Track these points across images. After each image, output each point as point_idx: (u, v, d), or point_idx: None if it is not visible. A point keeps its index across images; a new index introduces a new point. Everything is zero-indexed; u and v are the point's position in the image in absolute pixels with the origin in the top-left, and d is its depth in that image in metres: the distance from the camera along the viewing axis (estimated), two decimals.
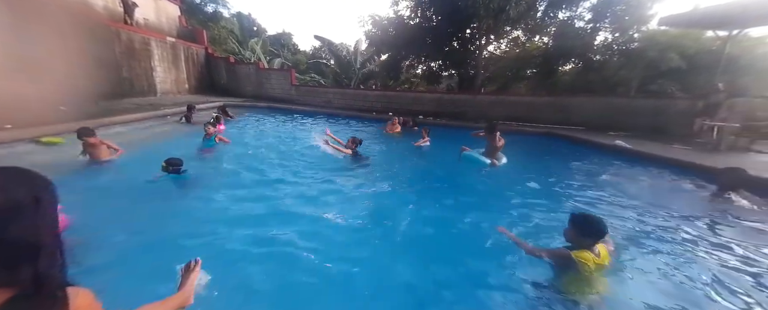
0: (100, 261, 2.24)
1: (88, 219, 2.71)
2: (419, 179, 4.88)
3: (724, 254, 2.78)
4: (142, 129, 6.64)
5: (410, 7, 11.81)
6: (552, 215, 3.51)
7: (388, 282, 2.32)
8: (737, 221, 3.40)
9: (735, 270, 2.54)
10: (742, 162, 5.27)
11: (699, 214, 3.57)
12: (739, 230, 3.21)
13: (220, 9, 24.94)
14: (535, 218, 3.40)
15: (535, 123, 9.63)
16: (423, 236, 3.05)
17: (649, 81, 12.06)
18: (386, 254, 2.67)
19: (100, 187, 3.70)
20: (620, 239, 2.94)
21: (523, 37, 13.21)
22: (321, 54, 23.04)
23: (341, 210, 3.38)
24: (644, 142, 6.81)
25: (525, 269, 2.34)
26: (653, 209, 3.73)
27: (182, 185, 3.80)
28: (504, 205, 3.78)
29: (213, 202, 3.45)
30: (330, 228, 3.01)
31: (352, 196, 3.85)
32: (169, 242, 2.62)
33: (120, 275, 2.11)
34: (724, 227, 3.29)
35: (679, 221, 3.42)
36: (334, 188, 4.05)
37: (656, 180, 4.85)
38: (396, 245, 2.84)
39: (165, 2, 12.72)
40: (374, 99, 11.99)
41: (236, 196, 3.59)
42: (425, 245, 2.89)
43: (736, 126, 6.32)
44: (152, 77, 10.75)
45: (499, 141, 5.19)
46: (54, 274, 0.66)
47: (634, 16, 10.61)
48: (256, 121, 8.98)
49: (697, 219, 3.46)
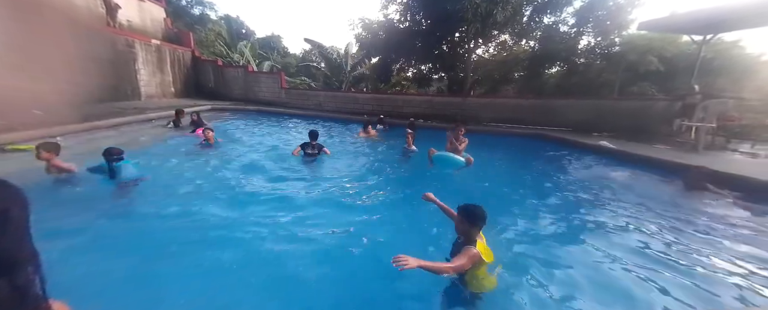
0: (67, 276, 2.12)
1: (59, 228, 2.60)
2: (398, 185, 4.59)
3: (677, 240, 3.04)
4: (127, 133, 6.45)
5: (400, 11, 11.93)
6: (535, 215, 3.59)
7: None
8: (703, 215, 3.63)
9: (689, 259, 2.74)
10: (718, 160, 5.54)
11: (668, 208, 3.80)
12: (704, 225, 3.42)
13: (208, 11, 24.65)
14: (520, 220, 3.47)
15: (523, 125, 9.83)
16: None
17: (630, 83, 12.55)
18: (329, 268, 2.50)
19: (69, 196, 3.50)
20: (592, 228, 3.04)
21: (510, 41, 13.51)
22: (311, 57, 22.96)
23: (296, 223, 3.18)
24: (628, 143, 7.05)
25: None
26: (628, 205, 3.93)
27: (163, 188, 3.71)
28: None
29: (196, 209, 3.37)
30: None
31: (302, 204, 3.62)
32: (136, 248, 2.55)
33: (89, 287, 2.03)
34: (689, 221, 3.50)
35: (648, 215, 3.64)
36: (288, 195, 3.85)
37: (638, 178, 5.03)
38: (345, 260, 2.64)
39: (150, 4, 12.45)
40: (365, 102, 12.00)
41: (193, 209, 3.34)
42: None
43: (712, 126, 6.61)
44: (136, 81, 10.48)
45: (461, 143, 5.09)
46: (32, 288, 0.63)
47: (615, 21, 11.02)
48: (235, 128, 8.30)
49: (665, 212, 3.69)
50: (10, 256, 0.61)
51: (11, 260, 0.61)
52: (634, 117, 8.57)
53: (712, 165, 4.68)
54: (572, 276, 2.47)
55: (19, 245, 0.63)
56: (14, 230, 0.62)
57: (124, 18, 10.88)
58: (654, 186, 4.61)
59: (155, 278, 2.24)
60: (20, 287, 0.61)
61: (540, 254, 2.78)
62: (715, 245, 3.00)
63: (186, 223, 3.04)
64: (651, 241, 3.07)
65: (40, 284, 0.65)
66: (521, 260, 2.65)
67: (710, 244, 3.02)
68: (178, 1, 22.69)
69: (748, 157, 6.09)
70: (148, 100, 10.78)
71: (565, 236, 3.16)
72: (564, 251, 2.85)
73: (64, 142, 4.93)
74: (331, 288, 2.26)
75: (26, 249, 0.64)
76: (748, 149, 6.50)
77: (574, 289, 2.33)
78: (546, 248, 2.89)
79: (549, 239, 3.09)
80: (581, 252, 2.87)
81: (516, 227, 3.28)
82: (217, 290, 2.18)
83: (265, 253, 2.62)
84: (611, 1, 10.84)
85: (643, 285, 2.39)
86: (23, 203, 0.65)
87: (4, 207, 0.61)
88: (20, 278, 0.61)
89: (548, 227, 3.36)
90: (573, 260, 2.73)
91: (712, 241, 3.08)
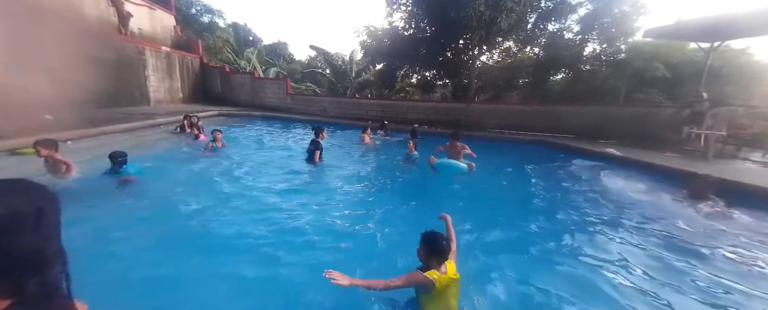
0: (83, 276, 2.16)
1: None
2: (404, 195, 4.49)
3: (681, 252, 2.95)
4: (135, 138, 6.56)
5: (404, 19, 12.05)
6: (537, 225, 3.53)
7: None
8: (705, 223, 3.56)
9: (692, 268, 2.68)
10: (729, 169, 5.42)
11: (673, 218, 3.72)
12: (704, 233, 3.35)
13: (216, 19, 25.17)
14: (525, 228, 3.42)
15: (527, 131, 9.77)
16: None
17: (636, 90, 12.43)
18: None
19: (74, 198, 3.55)
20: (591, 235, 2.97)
21: (514, 47, 13.54)
22: (316, 63, 23.23)
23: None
24: (634, 150, 6.94)
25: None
26: (633, 215, 3.84)
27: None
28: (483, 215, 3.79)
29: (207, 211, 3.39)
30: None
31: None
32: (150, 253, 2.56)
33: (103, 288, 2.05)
34: (698, 231, 3.42)
35: (656, 224, 3.57)
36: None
37: (646, 187, 4.93)
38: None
39: (160, 12, 12.78)
40: (369, 108, 12.07)
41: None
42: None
43: (722, 134, 6.49)
44: (146, 86, 10.69)
45: (464, 148, 4.99)
46: (59, 287, 0.66)
47: (621, 29, 10.99)
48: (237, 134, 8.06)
49: (671, 222, 3.62)
50: (42, 254, 0.63)
51: (43, 258, 0.63)
52: (641, 124, 8.46)
53: (722, 174, 4.58)
54: (568, 286, 2.42)
55: (50, 243, 0.65)
56: (47, 229, 0.64)
57: (136, 26, 11.16)
58: (661, 195, 4.52)
59: (157, 282, 2.25)
60: (49, 285, 0.63)
61: (537, 264, 2.75)
62: (729, 255, 2.91)
63: (188, 227, 3.06)
64: (657, 252, 2.99)
65: (66, 283, 0.67)
66: (518, 269, 2.62)
67: (731, 256, 2.92)
68: (187, 10, 23.24)
69: (761, 166, 5.95)
70: (157, 105, 10.98)
71: (562, 246, 3.10)
72: (561, 260, 2.80)
73: (75, 145, 5.03)
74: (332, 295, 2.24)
75: (56, 248, 0.66)
76: (759, 158, 6.36)
77: (568, 296, 2.28)
78: (543, 257, 2.85)
79: (546, 249, 3.04)
80: (580, 264, 2.78)
81: (513, 234, 3.24)
82: (218, 297, 2.18)
83: (266, 257, 2.62)
84: (616, 9, 10.84)
85: (646, 298, 2.33)
86: (56, 203, 0.68)
87: (40, 206, 0.63)
88: (49, 276, 0.63)
89: (546, 236, 3.29)
90: (568, 270, 2.67)
91: (735, 250, 2.99)
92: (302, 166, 5.29)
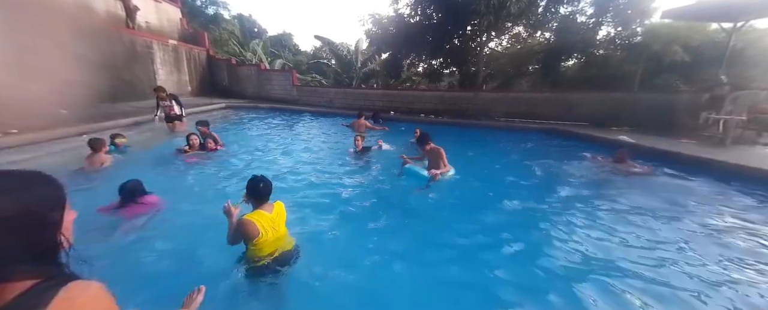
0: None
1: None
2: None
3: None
4: (141, 133, 6.65)
5: (410, 5, 11.77)
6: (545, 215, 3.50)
7: None
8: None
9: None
10: (747, 154, 5.22)
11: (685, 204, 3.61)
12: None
13: (221, 11, 25.13)
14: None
15: (538, 119, 9.57)
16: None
17: (653, 75, 11.94)
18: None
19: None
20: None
21: (524, 33, 13.13)
22: (322, 54, 23.07)
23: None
24: (649, 137, 6.74)
25: None
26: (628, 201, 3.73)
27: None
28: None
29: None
30: None
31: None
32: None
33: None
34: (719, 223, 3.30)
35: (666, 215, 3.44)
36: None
37: (661, 175, 4.80)
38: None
39: (166, 5, 12.79)
40: (375, 98, 11.98)
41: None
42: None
43: (742, 119, 6.23)
44: (154, 80, 10.83)
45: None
46: (66, 266, 0.73)
47: (637, 10, 10.50)
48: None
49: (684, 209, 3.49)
50: (59, 240, 0.72)
51: (60, 243, 0.72)
52: (656, 110, 8.16)
53: (740, 160, 4.42)
54: (573, 276, 2.42)
55: (60, 231, 0.73)
56: (54, 227, 0.71)
57: (143, 20, 11.22)
58: (675, 183, 4.40)
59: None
60: (64, 267, 0.72)
61: (548, 253, 2.73)
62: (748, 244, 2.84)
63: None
64: (671, 240, 2.94)
65: (70, 262, 0.75)
66: (529, 256, 2.62)
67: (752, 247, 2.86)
68: (192, 1, 23.23)
69: None
70: None
71: (574, 235, 3.05)
72: (571, 252, 2.77)
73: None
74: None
75: (66, 232, 0.75)
76: None
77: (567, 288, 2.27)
78: (552, 244, 2.83)
79: (554, 237, 3.01)
80: (589, 255, 2.75)
81: (521, 224, 3.23)
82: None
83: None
84: None
85: (654, 290, 2.30)
86: (61, 203, 0.74)
87: (59, 195, 0.73)
88: (63, 259, 0.72)
89: (553, 226, 3.23)
90: (578, 259, 2.66)
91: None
92: (304, 167, 5.03)
